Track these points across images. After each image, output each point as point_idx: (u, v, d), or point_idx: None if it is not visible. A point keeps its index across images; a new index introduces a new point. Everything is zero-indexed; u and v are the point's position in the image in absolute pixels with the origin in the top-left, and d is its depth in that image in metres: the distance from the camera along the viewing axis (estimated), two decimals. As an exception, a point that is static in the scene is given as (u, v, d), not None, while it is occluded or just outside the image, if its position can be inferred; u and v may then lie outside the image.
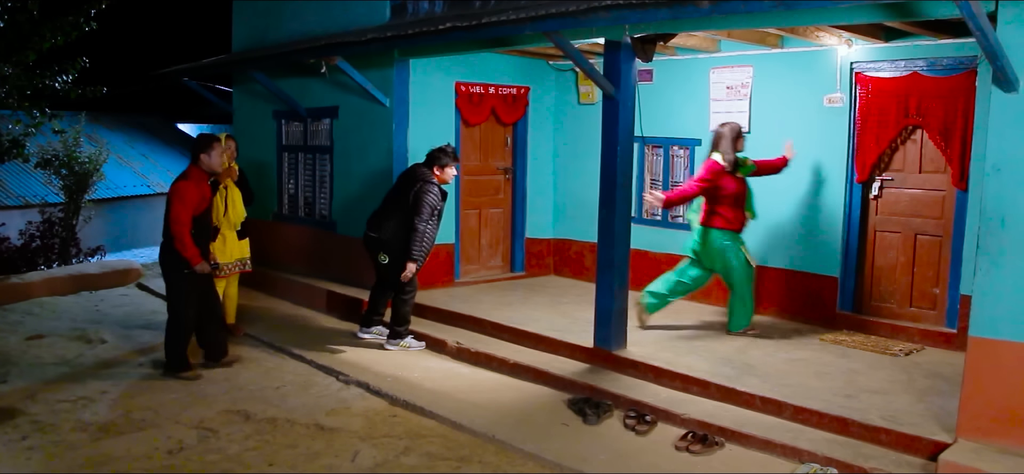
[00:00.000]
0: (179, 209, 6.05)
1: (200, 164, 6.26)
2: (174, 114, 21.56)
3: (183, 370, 6.27)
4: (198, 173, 6.25)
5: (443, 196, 6.82)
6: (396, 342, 7.01)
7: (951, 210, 6.52)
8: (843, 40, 6.69)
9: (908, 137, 6.73)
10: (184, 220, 6.05)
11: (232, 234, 7.13)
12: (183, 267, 6.12)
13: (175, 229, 6.04)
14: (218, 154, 6.36)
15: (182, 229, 6.04)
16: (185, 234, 6.04)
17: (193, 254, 6.08)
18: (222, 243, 7.07)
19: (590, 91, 8.86)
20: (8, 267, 9.95)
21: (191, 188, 6.14)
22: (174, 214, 6.05)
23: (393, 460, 4.81)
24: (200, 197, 6.19)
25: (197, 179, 6.23)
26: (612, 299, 6.18)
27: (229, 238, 7.11)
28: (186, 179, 6.20)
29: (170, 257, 6.15)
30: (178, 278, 6.18)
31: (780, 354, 6.26)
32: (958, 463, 4.27)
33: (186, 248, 6.06)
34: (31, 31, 9.22)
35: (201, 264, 6.15)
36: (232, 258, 7.18)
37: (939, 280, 6.64)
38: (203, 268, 6.19)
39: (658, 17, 5.13)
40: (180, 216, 6.04)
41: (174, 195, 6.12)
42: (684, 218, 8.20)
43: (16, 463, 4.68)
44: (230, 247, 7.14)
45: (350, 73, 7.97)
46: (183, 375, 6.24)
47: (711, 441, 4.93)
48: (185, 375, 6.24)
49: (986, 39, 4.06)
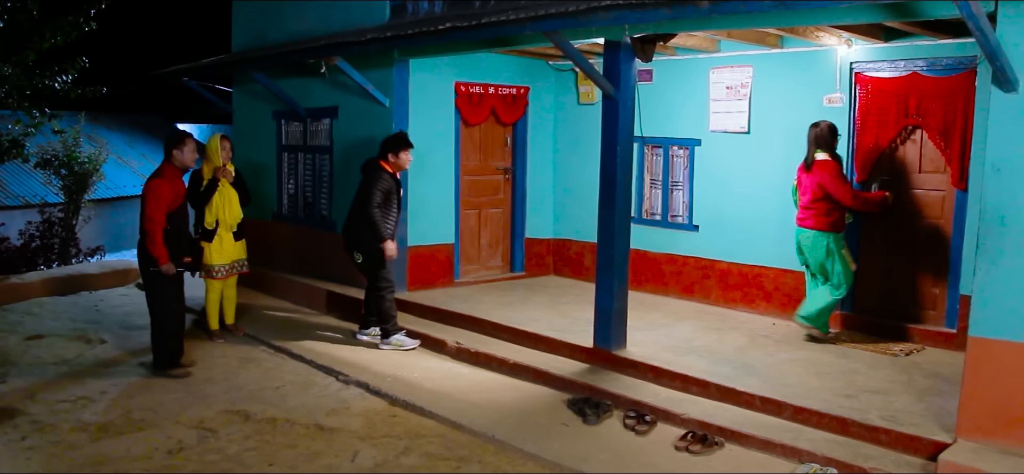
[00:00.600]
0: (153, 207, 6.02)
1: (173, 160, 6.24)
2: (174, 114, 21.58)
3: (172, 368, 6.26)
4: (171, 170, 6.22)
5: (397, 182, 6.92)
6: (388, 342, 7.02)
7: (951, 210, 6.52)
8: (843, 40, 6.69)
9: (908, 137, 6.73)
10: (158, 219, 6.02)
11: (228, 235, 7.10)
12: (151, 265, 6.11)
13: (148, 227, 6.02)
14: (190, 150, 6.32)
15: (155, 227, 6.02)
16: (157, 232, 6.02)
17: (161, 254, 6.04)
18: (218, 244, 7.04)
19: (590, 91, 8.86)
20: (8, 267, 9.96)
21: (164, 186, 6.10)
22: (148, 212, 6.03)
23: (393, 460, 4.81)
24: (174, 194, 6.16)
25: (170, 176, 6.19)
26: (612, 299, 6.18)
27: (225, 239, 7.08)
28: (160, 177, 6.15)
29: (145, 255, 6.13)
30: (154, 276, 6.16)
31: (780, 354, 6.26)
32: (958, 463, 4.27)
33: (156, 246, 6.02)
34: (31, 31, 9.23)
35: (167, 265, 6.08)
36: (228, 259, 7.15)
37: (939, 280, 6.64)
38: (169, 269, 6.10)
39: (658, 17, 5.13)
40: (154, 214, 6.02)
41: (148, 193, 6.09)
42: (682, 218, 8.21)
43: (15, 463, 4.68)
44: (226, 248, 7.12)
45: (350, 73, 7.97)
46: (172, 373, 6.23)
47: (711, 441, 4.93)
48: (174, 373, 6.23)
49: (986, 39, 4.06)
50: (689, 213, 8.13)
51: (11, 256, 10.29)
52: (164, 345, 6.28)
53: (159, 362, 6.30)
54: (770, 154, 7.41)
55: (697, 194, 8.04)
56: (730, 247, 7.77)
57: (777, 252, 7.41)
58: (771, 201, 7.41)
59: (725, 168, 7.77)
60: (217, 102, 11.66)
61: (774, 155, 7.38)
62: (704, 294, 8.01)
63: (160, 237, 6.03)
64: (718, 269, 7.89)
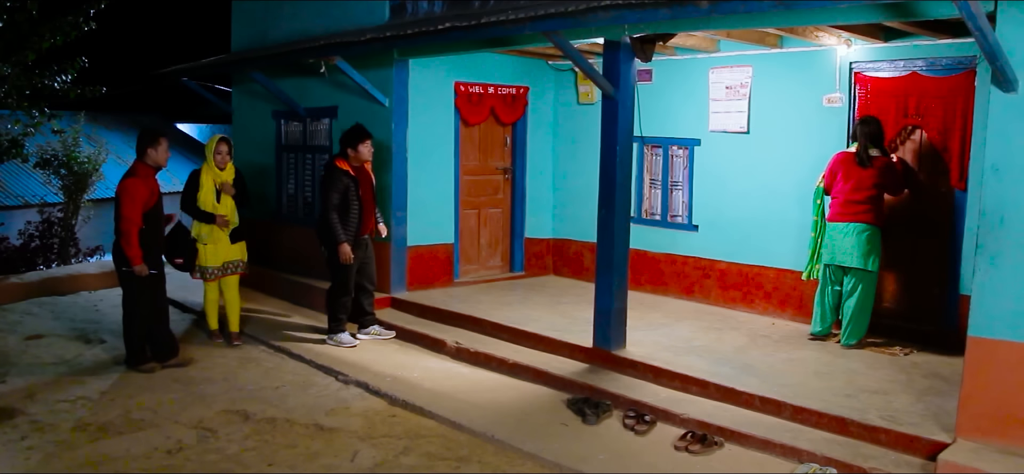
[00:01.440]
0: (129, 207, 6.01)
1: (146, 159, 6.22)
2: (173, 114, 21.58)
3: (141, 363, 6.35)
4: (145, 169, 6.20)
5: (357, 180, 6.98)
6: (332, 338, 7.15)
7: (950, 210, 6.51)
8: (842, 40, 6.69)
9: (907, 137, 6.73)
10: (134, 219, 6.01)
11: (224, 237, 6.96)
12: (123, 265, 6.12)
13: (123, 227, 6.02)
14: (164, 149, 6.29)
15: (131, 227, 6.01)
16: (133, 233, 6.01)
17: (136, 254, 6.05)
18: (213, 246, 6.92)
19: (589, 91, 8.86)
20: (7, 267, 9.95)
21: (139, 185, 6.08)
22: (124, 212, 6.02)
23: (392, 460, 4.81)
24: (149, 193, 6.14)
25: (144, 175, 6.17)
26: (611, 299, 6.18)
27: (221, 240, 6.95)
28: (133, 176, 6.14)
29: (120, 255, 6.15)
30: (126, 275, 6.19)
31: (779, 354, 6.26)
32: (957, 463, 4.27)
33: (130, 246, 6.03)
34: (30, 31, 9.22)
35: (140, 266, 6.08)
36: (220, 261, 6.98)
37: (938, 280, 6.63)
38: (141, 271, 6.10)
39: (657, 17, 5.13)
40: (130, 214, 6.01)
41: (123, 193, 6.07)
42: (682, 217, 8.21)
43: (15, 463, 4.67)
44: (222, 250, 6.97)
45: (349, 73, 7.97)
46: (141, 368, 6.33)
47: (710, 441, 4.93)
48: (143, 368, 6.33)
49: (985, 39, 4.06)
50: (688, 213, 8.13)
51: (10, 256, 10.29)
52: (131, 343, 6.38)
53: (128, 358, 6.43)
54: (770, 154, 7.41)
55: (696, 194, 8.04)
56: (729, 247, 7.77)
57: (777, 252, 7.41)
58: (771, 201, 7.41)
59: (724, 168, 7.77)
60: (216, 102, 11.66)
61: (774, 155, 7.38)
62: (703, 294, 8.01)
63: (135, 237, 6.04)
64: (717, 269, 7.89)
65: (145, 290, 6.23)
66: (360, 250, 7.13)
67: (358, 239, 7.07)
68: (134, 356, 6.39)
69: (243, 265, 7.19)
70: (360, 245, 7.12)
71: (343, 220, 6.92)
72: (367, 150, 7.08)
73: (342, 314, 7.18)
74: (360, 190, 7.01)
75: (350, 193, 6.94)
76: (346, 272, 7.05)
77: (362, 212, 7.04)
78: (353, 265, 7.04)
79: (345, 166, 6.98)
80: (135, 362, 6.38)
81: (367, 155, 7.10)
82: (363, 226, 7.09)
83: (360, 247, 7.13)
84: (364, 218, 7.08)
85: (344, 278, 7.07)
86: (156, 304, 6.41)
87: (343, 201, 6.91)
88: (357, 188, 6.98)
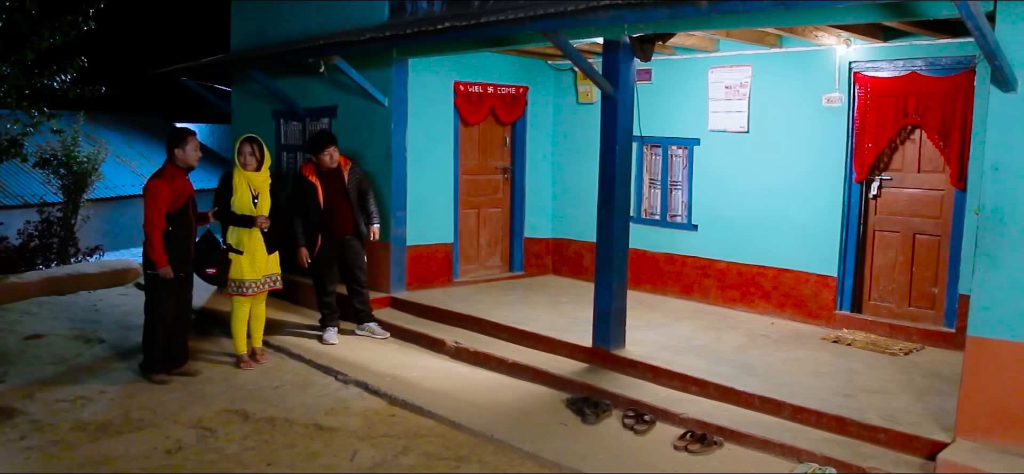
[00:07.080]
0: (151, 209, 5.90)
1: (175, 159, 6.09)
2: (173, 114, 21.57)
3: (153, 371, 6.16)
4: (172, 169, 6.06)
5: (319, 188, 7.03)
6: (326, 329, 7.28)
7: (950, 210, 6.52)
8: (842, 40, 6.69)
9: (907, 137, 6.74)
10: (156, 221, 5.88)
11: (261, 246, 6.44)
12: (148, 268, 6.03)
13: (145, 229, 5.93)
14: (193, 148, 6.13)
15: (153, 230, 5.89)
16: (156, 235, 5.89)
17: (159, 257, 5.91)
18: (250, 259, 6.40)
19: (589, 91, 8.86)
20: (6, 267, 9.93)
21: (162, 186, 5.93)
22: (147, 214, 5.92)
23: (392, 460, 4.81)
24: (174, 194, 5.98)
25: (171, 175, 6.02)
26: (611, 298, 6.18)
27: (258, 250, 6.43)
28: (159, 177, 6.00)
29: (146, 257, 6.06)
30: (151, 278, 6.08)
31: (779, 353, 6.26)
32: (957, 462, 4.27)
33: (153, 250, 5.91)
34: (29, 31, 9.21)
35: (164, 269, 5.94)
36: (260, 274, 6.48)
37: (938, 279, 6.64)
38: (166, 273, 5.96)
39: (657, 17, 5.13)
40: (152, 216, 5.89)
41: (145, 195, 5.96)
42: (681, 217, 8.21)
43: (14, 463, 4.67)
44: (259, 261, 6.46)
45: (349, 73, 7.97)
46: (153, 378, 6.13)
47: (710, 440, 4.93)
48: (155, 378, 6.13)
49: (985, 39, 4.06)
50: (688, 213, 8.13)
51: (10, 255, 10.27)
52: (149, 349, 6.20)
53: (143, 365, 6.26)
54: (769, 154, 7.41)
55: (696, 194, 8.04)
56: (729, 247, 7.77)
57: (776, 252, 7.41)
58: (770, 201, 7.41)
59: (724, 168, 7.77)
60: (216, 102, 11.65)
61: (773, 155, 7.38)
62: (703, 293, 8.01)
63: (158, 240, 5.90)
64: (717, 268, 7.89)
65: (170, 294, 6.07)
66: (333, 250, 7.18)
67: (333, 240, 7.14)
68: (149, 363, 6.18)
69: (279, 279, 6.68)
70: (334, 245, 7.17)
71: (305, 224, 7.04)
72: (328, 156, 7.07)
73: (325, 311, 7.31)
74: (325, 195, 7.05)
75: (310, 198, 7.02)
76: (313, 272, 7.24)
77: (332, 215, 7.10)
78: (322, 265, 7.19)
79: (308, 172, 7.09)
80: (149, 369, 6.18)
81: (329, 161, 7.08)
82: (335, 228, 7.13)
83: (334, 248, 7.17)
84: (336, 221, 7.12)
85: (315, 277, 7.29)
86: (180, 312, 6.22)
87: (304, 211, 7.04)
88: (316, 193, 7.03)
